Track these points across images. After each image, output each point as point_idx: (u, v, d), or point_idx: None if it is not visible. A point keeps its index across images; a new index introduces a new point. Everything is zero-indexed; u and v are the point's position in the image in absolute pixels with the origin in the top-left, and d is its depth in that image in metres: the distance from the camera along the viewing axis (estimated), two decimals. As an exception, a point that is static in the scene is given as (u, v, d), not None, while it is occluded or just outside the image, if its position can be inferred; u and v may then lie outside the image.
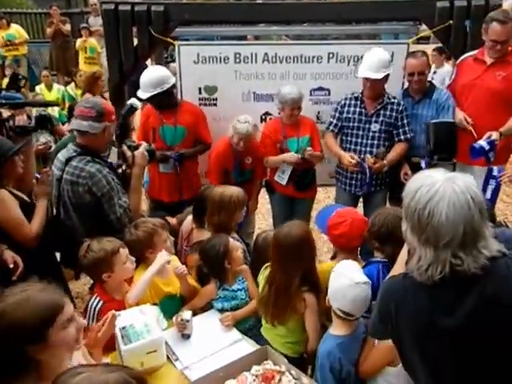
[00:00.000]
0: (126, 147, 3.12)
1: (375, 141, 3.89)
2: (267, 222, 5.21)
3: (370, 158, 3.79)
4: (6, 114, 3.28)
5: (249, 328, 2.81)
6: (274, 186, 4.26)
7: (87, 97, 5.00)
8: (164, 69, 4.13)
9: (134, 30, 4.32)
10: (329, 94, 4.39)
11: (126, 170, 3.11)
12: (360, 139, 3.91)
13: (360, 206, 4.23)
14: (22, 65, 10.06)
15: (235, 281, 2.88)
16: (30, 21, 13.22)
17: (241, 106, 4.32)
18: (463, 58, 4.00)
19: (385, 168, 3.86)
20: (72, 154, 2.90)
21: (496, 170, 3.44)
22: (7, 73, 8.24)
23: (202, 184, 4.07)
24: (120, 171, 3.09)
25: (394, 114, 3.85)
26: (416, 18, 4.43)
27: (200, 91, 4.40)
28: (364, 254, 2.94)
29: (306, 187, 4.16)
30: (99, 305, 2.52)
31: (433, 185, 1.45)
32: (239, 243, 2.98)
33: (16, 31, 10.13)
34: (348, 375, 2.21)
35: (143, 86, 3.90)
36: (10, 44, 9.94)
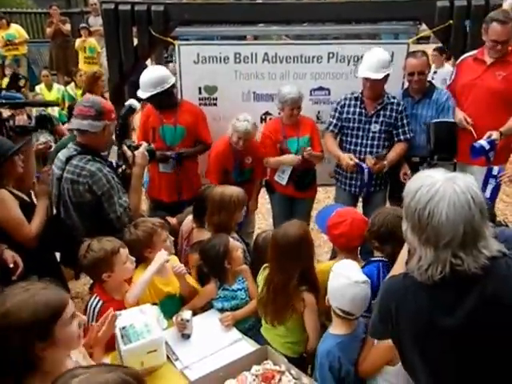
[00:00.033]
0: (126, 147, 3.12)
1: (375, 141, 3.88)
2: (267, 221, 5.21)
3: (370, 159, 3.79)
4: (6, 113, 3.28)
5: (249, 328, 2.81)
6: (274, 185, 4.25)
7: (87, 97, 4.99)
8: (164, 68, 4.13)
9: (134, 29, 4.32)
10: (329, 94, 4.39)
11: (125, 169, 3.12)
12: (360, 140, 3.91)
13: (359, 205, 4.23)
14: (21, 65, 10.05)
15: (235, 281, 2.88)
16: (30, 21, 13.22)
17: (241, 105, 4.31)
18: (463, 58, 4.00)
19: (385, 169, 3.86)
20: (72, 153, 2.90)
21: (496, 170, 3.44)
22: (7, 72, 8.23)
23: (202, 184, 4.07)
24: (120, 171, 3.09)
25: (393, 114, 3.84)
26: (416, 17, 4.43)
27: (200, 91, 4.40)
28: (364, 253, 2.94)
29: (306, 187, 4.16)
30: (99, 305, 2.52)
31: (433, 185, 1.45)
32: (239, 243, 2.98)
33: (16, 31, 10.11)
34: (347, 374, 2.22)
35: (143, 85, 3.90)
36: (9, 44, 9.93)
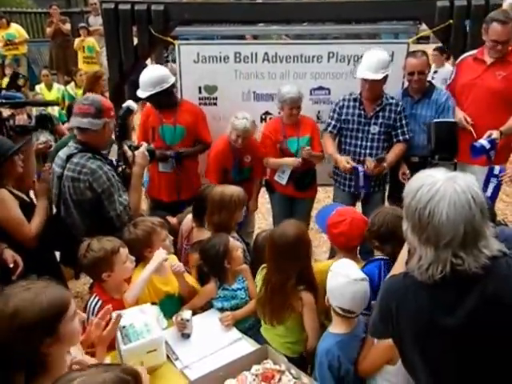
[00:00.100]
0: (126, 147, 3.14)
1: (374, 142, 3.88)
2: (267, 221, 5.20)
3: (370, 161, 3.79)
4: (6, 113, 3.28)
5: (249, 327, 2.81)
6: (274, 185, 4.25)
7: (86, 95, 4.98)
8: (163, 68, 4.13)
9: (134, 29, 4.31)
10: (329, 94, 4.38)
11: (125, 168, 3.12)
12: (360, 141, 3.90)
13: (358, 205, 4.22)
14: (21, 64, 10.04)
15: (235, 280, 2.88)
16: (30, 20, 13.21)
17: (241, 105, 4.31)
18: (463, 58, 3.99)
19: (385, 170, 3.87)
20: (73, 151, 2.91)
21: (498, 169, 3.45)
22: (7, 72, 8.22)
23: (202, 184, 4.07)
24: (120, 170, 3.09)
25: (392, 115, 3.83)
26: (416, 17, 4.43)
27: (200, 90, 4.40)
28: (363, 253, 2.94)
29: (306, 187, 4.16)
30: (98, 304, 2.52)
31: (434, 184, 1.45)
32: (239, 243, 2.98)
33: (16, 31, 10.11)
34: (347, 373, 2.22)
35: (143, 85, 3.90)
36: (9, 43, 9.93)
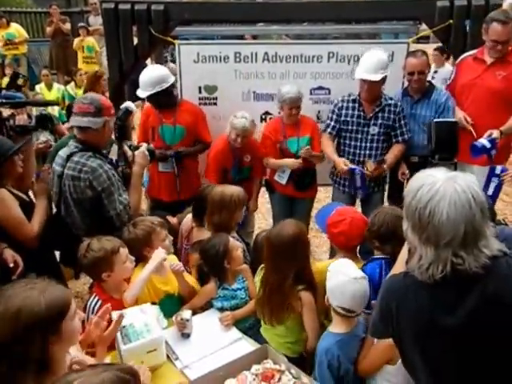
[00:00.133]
0: (126, 147, 3.15)
1: (374, 143, 3.87)
2: (267, 221, 5.20)
3: (371, 164, 3.79)
4: (6, 113, 3.28)
5: (249, 327, 2.80)
6: (274, 185, 4.25)
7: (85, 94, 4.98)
8: (163, 68, 4.12)
9: (134, 29, 4.31)
10: (329, 94, 4.38)
11: (125, 168, 3.12)
12: (359, 142, 3.89)
13: (358, 204, 4.21)
14: (21, 64, 10.04)
15: (235, 280, 2.88)
16: (30, 20, 13.21)
17: (241, 105, 4.30)
18: (463, 58, 3.99)
19: (385, 172, 3.88)
20: (73, 150, 2.91)
21: (499, 169, 3.45)
22: (7, 72, 8.22)
23: (202, 183, 4.07)
24: (120, 170, 3.09)
25: (391, 115, 3.83)
26: (416, 17, 4.42)
27: (200, 90, 4.39)
28: (363, 253, 2.94)
29: (306, 187, 4.16)
30: (98, 304, 2.52)
31: (434, 184, 1.45)
32: (239, 243, 2.98)
33: (16, 30, 10.10)
34: (346, 373, 2.21)
35: (142, 84, 3.90)
36: (9, 43, 9.93)
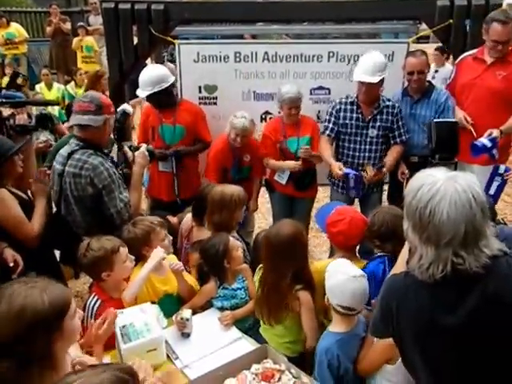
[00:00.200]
0: (127, 147, 3.18)
1: (373, 146, 3.87)
2: (267, 221, 5.20)
3: (371, 169, 3.79)
4: (6, 112, 3.28)
5: (249, 327, 2.80)
6: (274, 185, 4.25)
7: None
8: (163, 67, 4.12)
9: (134, 28, 4.31)
10: (329, 93, 4.38)
11: (124, 167, 3.12)
12: (358, 145, 3.88)
13: (357, 205, 4.21)
14: (21, 64, 10.04)
15: (235, 280, 2.88)
16: (30, 19, 13.22)
17: (241, 105, 4.30)
18: (462, 57, 3.99)
19: (384, 176, 3.91)
20: (74, 148, 2.92)
21: (503, 168, 3.45)
22: (7, 71, 8.22)
23: (202, 183, 4.06)
24: (119, 169, 3.10)
25: (390, 117, 3.82)
26: (416, 17, 4.41)
27: (200, 90, 4.39)
28: (363, 253, 2.94)
29: (306, 187, 4.16)
30: (97, 304, 2.53)
31: (434, 183, 1.45)
32: (239, 242, 2.97)
33: (16, 30, 10.10)
34: (346, 372, 2.21)
35: (142, 84, 3.90)
36: (9, 43, 9.93)
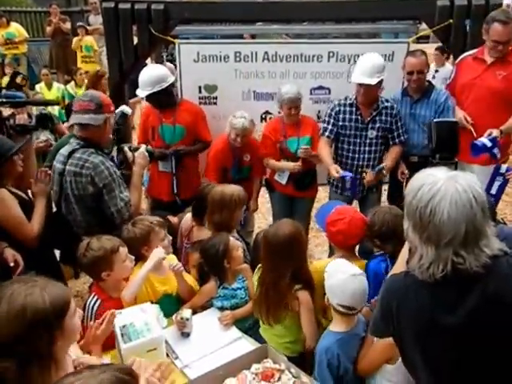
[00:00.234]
0: (126, 148, 3.19)
1: (372, 147, 3.87)
2: (267, 220, 5.20)
3: (370, 174, 3.79)
4: (6, 112, 3.28)
5: (249, 327, 2.80)
6: (274, 184, 4.25)
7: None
8: (163, 67, 4.12)
9: (134, 28, 4.31)
10: (329, 93, 4.38)
11: (123, 170, 3.13)
12: (357, 147, 3.88)
13: (356, 204, 4.21)
14: (21, 63, 10.03)
15: (235, 280, 2.88)
16: (30, 19, 13.22)
17: (241, 104, 4.30)
18: (463, 57, 3.99)
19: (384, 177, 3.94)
20: (75, 147, 2.93)
21: (504, 168, 3.45)
22: (7, 71, 8.22)
23: (202, 182, 4.06)
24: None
25: (389, 118, 3.82)
26: (416, 16, 4.41)
27: (200, 90, 4.39)
28: (362, 253, 2.94)
29: (306, 187, 4.16)
30: (97, 304, 2.53)
31: (435, 183, 1.45)
32: (239, 242, 2.97)
33: (16, 30, 10.10)
34: (346, 372, 2.21)
35: (142, 84, 3.90)
36: (9, 42, 9.92)
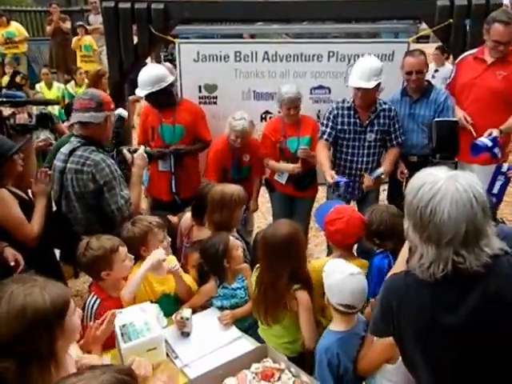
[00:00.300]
0: (125, 151, 3.20)
1: (371, 149, 3.87)
2: (267, 220, 5.19)
3: (369, 179, 3.80)
4: (6, 112, 3.28)
5: (248, 327, 2.80)
6: (274, 184, 4.25)
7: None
8: (162, 67, 4.13)
9: (134, 27, 4.31)
10: (329, 93, 4.38)
11: (122, 169, 3.13)
12: (356, 150, 3.87)
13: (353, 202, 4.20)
14: (21, 63, 10.03)
15: (235, 279, 2.88)
16: (30, 19, 13.21)
17: (241, 104, 4.31)
18: (463, 57, 3.98)
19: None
20: (76, 145, 2.94)
21: (505, 167, 3.45)
22: (7, 71, 8.21)
23: (202, 182, 4.06)
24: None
25: (387, 121, 3.81)
26: (416, 16, 4.41)
27: (200, 89, 4.40)
28: (360, 253, 2.94)
29: (306, 187, 4.16)
30: (96, 303, 2.53)
31: (435, 183, 1.45)
32: (239, 241, 2.97)
33: (16, 29, 10.09)
34: (346, 372, 2.21)
35: (141, 83, 3.90)
36: (9, 42, 9.92)
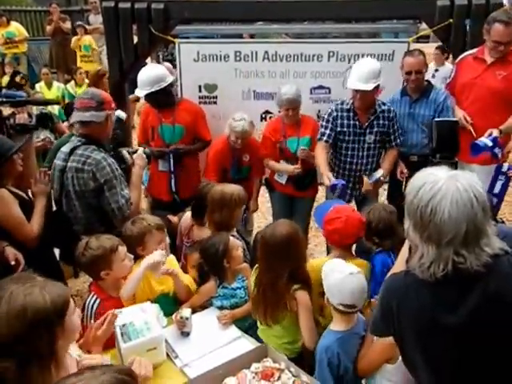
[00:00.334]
0: (125, 152, 3.21)
1: (371, 151, 3.86)
2: (267, 220, 5.19)
3: (367, 183, 3.79)
4: (6, 112, 3.29)
5: (248, 326, 2.80)
6: (274, 184, 4.25)
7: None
8: (162, 67, 4.13)
9: (134, 27, 4.31)
10: (329, 93, 4.38)
11: (122, 169, 3.14)
12: (356, 152, 3.86)
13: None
14: (21, 63, 10.03)
15: (235, 279, 2.88)
16: (30, 18, 13.23)
17: (241, 104, 4.32)
18: (463, 57, 3.98)
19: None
20: (77, 144, 2.94)
21: (506, 167, 3.46)
22: (7, 70, 8.22)
23: (202, 181, 4.06)
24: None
25: (386, 122, 3.81)
26: (416, 16, 4.41)
27: (200, 89, 4.40)
28: (360, 252, 2.94)
29: (306, 187, 4.15)
30: (96, 303, 2.52)
31: (436, 182, 1.45)
32: (239, 241, 2.97)
33: (16, 29, 10.09)
34: (346, 372, 2.20)
35: (140, 83, 3.90)
36: (9, 42, 9.92)
